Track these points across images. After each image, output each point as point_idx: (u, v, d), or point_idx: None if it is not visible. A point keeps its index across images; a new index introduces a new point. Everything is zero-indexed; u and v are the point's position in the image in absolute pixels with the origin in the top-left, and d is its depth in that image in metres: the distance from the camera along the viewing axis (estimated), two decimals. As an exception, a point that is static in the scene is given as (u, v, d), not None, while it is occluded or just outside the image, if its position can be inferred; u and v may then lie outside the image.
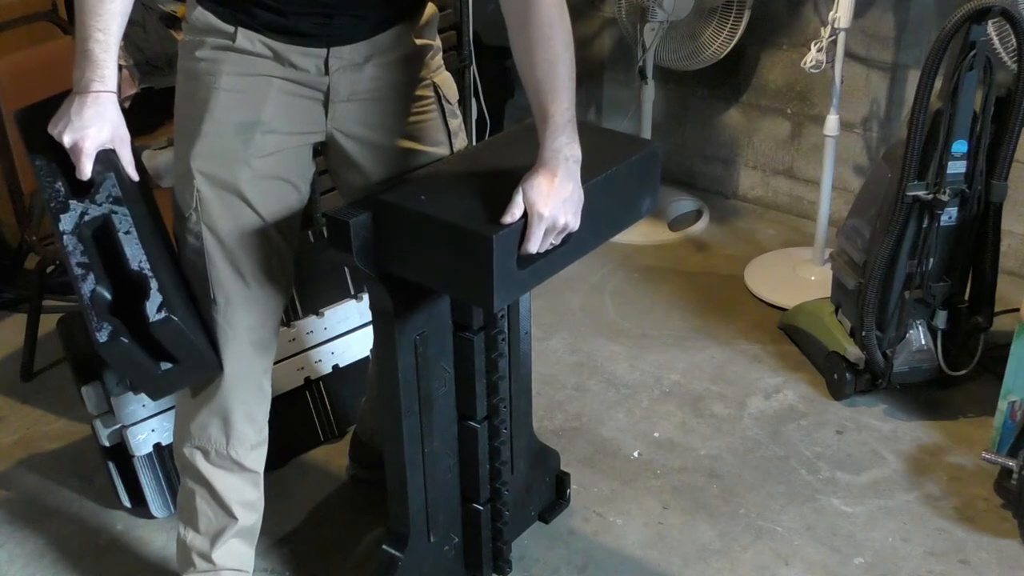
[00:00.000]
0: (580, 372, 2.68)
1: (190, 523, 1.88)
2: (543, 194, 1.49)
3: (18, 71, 2.49)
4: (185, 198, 1.68)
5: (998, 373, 2.27)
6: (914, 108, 2.23)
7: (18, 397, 2.64)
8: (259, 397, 1.83)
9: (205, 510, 1.86)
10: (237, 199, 1.67)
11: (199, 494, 1.85)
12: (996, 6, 2.14)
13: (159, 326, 1.54)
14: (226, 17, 1.61)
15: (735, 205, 3.59)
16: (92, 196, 1.57)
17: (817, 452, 2.37)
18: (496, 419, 1.89)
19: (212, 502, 1.85)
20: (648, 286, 3.08)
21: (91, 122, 1.55)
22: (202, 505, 1.85)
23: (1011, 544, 2.10)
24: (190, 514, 1.88)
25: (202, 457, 1.82)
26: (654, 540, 2.14)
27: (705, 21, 3.12)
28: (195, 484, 1.85)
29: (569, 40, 1.55)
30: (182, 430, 1.83)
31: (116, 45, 1.57)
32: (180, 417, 1.85)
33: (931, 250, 2.34)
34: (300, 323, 2.33)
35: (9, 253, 3.13)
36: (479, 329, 1.79)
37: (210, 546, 1.87)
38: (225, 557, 1.88)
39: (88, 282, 1.53)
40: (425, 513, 1.86)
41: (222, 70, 1.62)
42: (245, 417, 1.80)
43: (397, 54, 1.69)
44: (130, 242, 1.56)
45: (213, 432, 1.80)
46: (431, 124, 1.77)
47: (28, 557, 2.14)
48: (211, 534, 1.87)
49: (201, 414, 1.79)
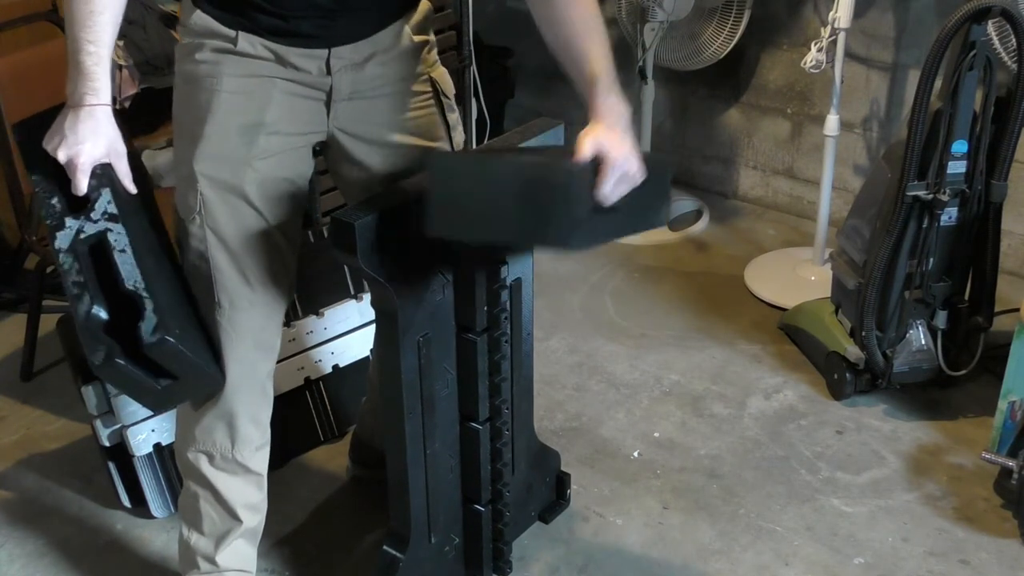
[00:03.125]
0: (580, 372, 2.68)
1: (194, 525, 1.88)
2: (614, 143, 1.53)
3: (18, 71, 2.49)
4: (188, 202, 1.68)
5: (998, 373, 2.28)
6: (914, 108, 2.23)
7: (18, 397, 2.64)
8: (262, 399, 1.82)
9: (210, 513, 1.85)
10: (241, 202, 1.67)
11: (203, 497, 1.85)
12: (996, 6, 2.14)
13: (154, 347, 1.54)
14: (226, 21, 1.61)
15: (735, 205, 3.59)
16: (88, 213, 1.56)
17: (817, 452, 2.37)
18: (498, 420, 1.89)
19: (217, 505, 1.85)
20: (648, 286, 3.08)
21: (86, 137, 1.54)
22: (206, 508, 1.85)
23: (1011, 544, 2.10)
24: (194, 517, 1.87)
25: (207, 461, 1.82)
26: (654, 540, 2.14)
27: (705, 21, 3.13)
28: (199, 488, 1.85)
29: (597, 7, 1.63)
30: (185, 435, 1.83)
31: (108, 56, 1.55)
32: (183, 422, 1.84)
33: (931, 250, 2.34)
34: (300, 323, 2.33)
35: (9, 253, 3.13)
36: (482, 331, 1.80)
37: (214, 548, 1.87)
38: (229, 559, 1.88)
39: (83, 303, 1.52)
40: (426, 514, 1.86)
41: (223, 72, 1.62)
42: (250, 420, 1.80)
43: (396, 51, 1.70)
44: (125, 261, 1.55)
45: (218, 436, 1.79)
46: (430, 119, 1.78)
47: (28, 557, 2.14)
48: (215, 536, 1.87)
49: (206, 418, 1.79)
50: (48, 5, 3.05)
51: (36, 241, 2.62)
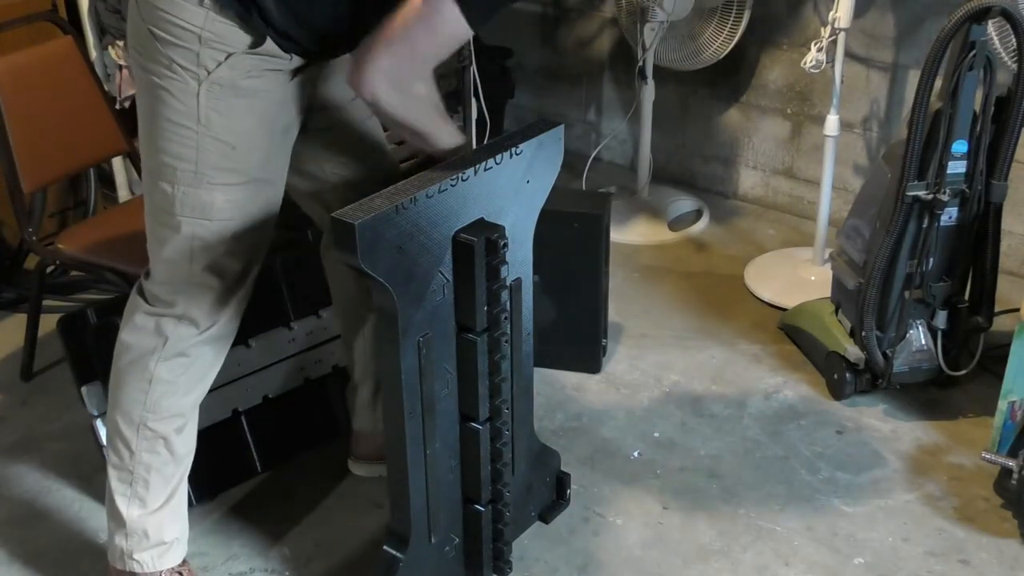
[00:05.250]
0: (580, 372, 2.68)
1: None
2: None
3: (18, 71, 2.49)
4: (212, 197, 1.72)
5: (998, 373, 2.27)
6: (914, 108, 2.23)
7: (18, 397, 2.64)
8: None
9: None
10: (271, 190, 1.79)
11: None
12: (996, 6, 2.14)
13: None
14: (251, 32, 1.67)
15: (735, 205, 3.59)
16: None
17: (817, 452, 2.37)
18: (498, 420, 1.89)
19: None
20: (648, 286, 3.08)
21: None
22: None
23: (1011, 544, 2.10)
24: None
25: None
26: (654, 540, 2.14)
27: (705, 21, 3.13)
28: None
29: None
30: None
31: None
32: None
33: (931, 250, 2.34)
34: (300, 323, 2.33)
35: (9, 253, 3.13)
36: (482, 331, 1.80)
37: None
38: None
39: None
40: (426, 514, 1.86)
41: (264, 79, 1.70)
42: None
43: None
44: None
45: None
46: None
47: (28, 557, 2.14)
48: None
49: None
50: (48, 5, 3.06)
51: (36, 241, 2.62)
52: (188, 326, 1.80)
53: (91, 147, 2.70)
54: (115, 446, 1.88)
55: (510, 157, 1.78)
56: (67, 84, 2.61)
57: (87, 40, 3.00)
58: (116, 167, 3.21)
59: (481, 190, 1.74)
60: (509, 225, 1.79)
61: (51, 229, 3.14)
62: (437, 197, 1.65)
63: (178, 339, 1.80)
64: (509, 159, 1.78)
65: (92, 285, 3.03)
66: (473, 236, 1.71)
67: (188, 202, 1.71)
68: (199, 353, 1.83)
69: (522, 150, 1.80)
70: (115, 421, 1.87)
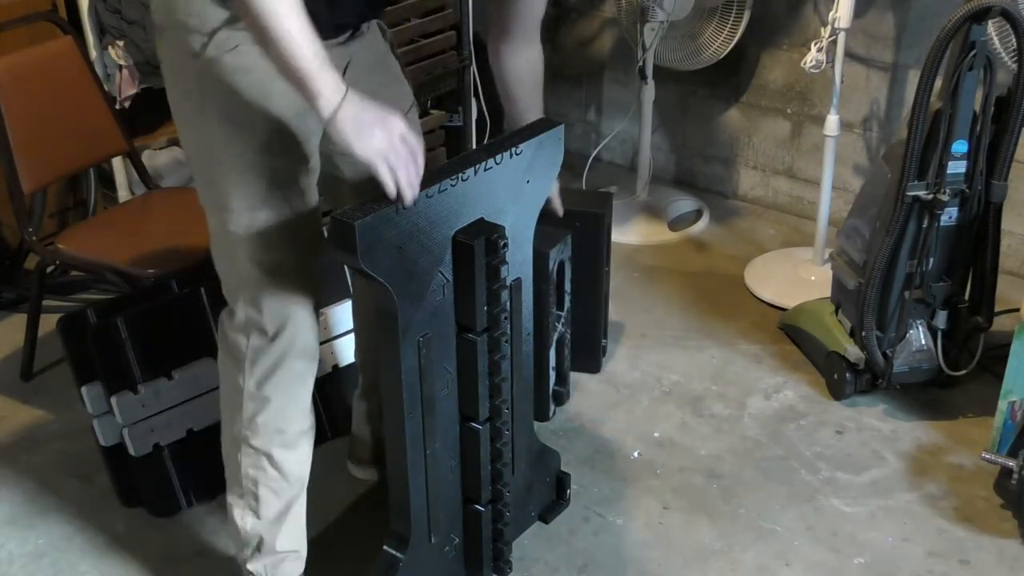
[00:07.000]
0: (580, 372, 2.68)
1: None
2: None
3: (18, 71, 2.49)
4: (226, 186, 1.68)
5: (998, 373, 2.28)
6: (914, 108, 2.23)
7: (18, 397, 2.64)
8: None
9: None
10: (295, 170, 1.73)
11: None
12: (996, 6, 2.14)
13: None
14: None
15: (735, 205, 3.59)
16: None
17: (817, 452, 2.37)
18: (498, 420, 1.89)
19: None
20: (648, 286, 3.08)
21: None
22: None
23: (1011, 544, 2.11)
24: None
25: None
26: (654, 540, 2.14)
27: (705, 21, 3.13)
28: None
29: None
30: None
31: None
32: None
33: (931, 250, 2.34)
34: (300, 323, 2.33)
35: (9, 253, 3.13)
36: (482, 331, 1.80)
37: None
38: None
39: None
40: (426, 514, 1.86)
41: (254, 54, 1.62)
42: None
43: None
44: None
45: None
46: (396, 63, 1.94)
47: (28, 557, 2.14)
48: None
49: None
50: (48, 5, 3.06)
51: (36, 241, 2.62)
52: (258, 335, 1.76)
53: (91, 147, 2.69)
54: (226, 458, 1.90)
55: (510, 157, 1.78)
56: (67, 84, 2.61)
57: (87, 40, 2.99)
58: (116, 167, 3.20)
59: (481, 190, 1.74)
60: (509, 225, 1.79)
61: (51, 229, 3.14)
62: (437, 197, 1.65)
63: (254, 351, 1.77)
64: (509, 159, 1.78)
65: (92, 285, 3.03)
66: (473, 236, 1.71)
67: (210, 195, 1.71)
68: (280, 365, 1.79)
69: (522, 150, 1.80)
70: (223, 435, 1.90)
